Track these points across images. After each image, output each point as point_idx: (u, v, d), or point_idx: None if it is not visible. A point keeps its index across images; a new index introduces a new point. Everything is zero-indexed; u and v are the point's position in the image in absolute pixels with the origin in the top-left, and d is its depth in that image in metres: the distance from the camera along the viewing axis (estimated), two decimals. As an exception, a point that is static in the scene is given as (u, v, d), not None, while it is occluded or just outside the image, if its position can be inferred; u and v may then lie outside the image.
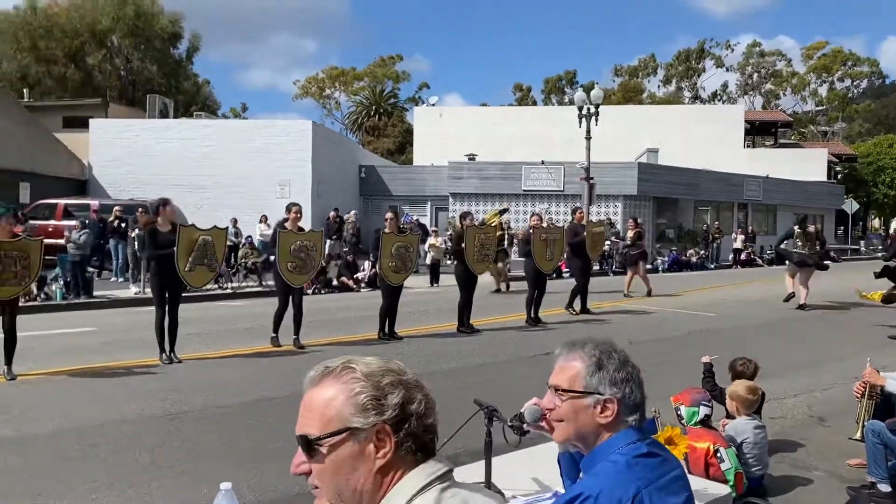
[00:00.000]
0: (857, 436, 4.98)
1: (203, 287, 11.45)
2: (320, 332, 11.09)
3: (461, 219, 12.30)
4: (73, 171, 25.78)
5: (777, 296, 14.82)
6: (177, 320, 9.33)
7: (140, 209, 18.02)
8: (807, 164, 39.45)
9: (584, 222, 14.05)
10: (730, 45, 64.70)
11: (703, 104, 56.13)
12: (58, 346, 10.58)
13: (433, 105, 47.54)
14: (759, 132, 46.83)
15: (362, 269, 18.73)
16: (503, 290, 17.33)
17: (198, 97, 50.41)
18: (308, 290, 15.67)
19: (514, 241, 17.74)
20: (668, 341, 10.29)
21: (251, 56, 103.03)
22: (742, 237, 29.42)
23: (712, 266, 27.71)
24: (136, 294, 15.59)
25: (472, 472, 2.62)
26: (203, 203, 23.16)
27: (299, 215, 10.21)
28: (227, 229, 11.32)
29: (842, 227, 37.68)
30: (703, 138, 38.13)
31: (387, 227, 11.09)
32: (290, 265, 9.83)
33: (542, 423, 1.99)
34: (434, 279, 19.28)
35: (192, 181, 24.41)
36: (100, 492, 5.27)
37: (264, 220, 20.83)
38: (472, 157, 32.05)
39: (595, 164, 24.41)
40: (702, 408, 4.62)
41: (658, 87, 65.24)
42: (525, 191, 28.47)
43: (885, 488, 4.28)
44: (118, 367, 9.06)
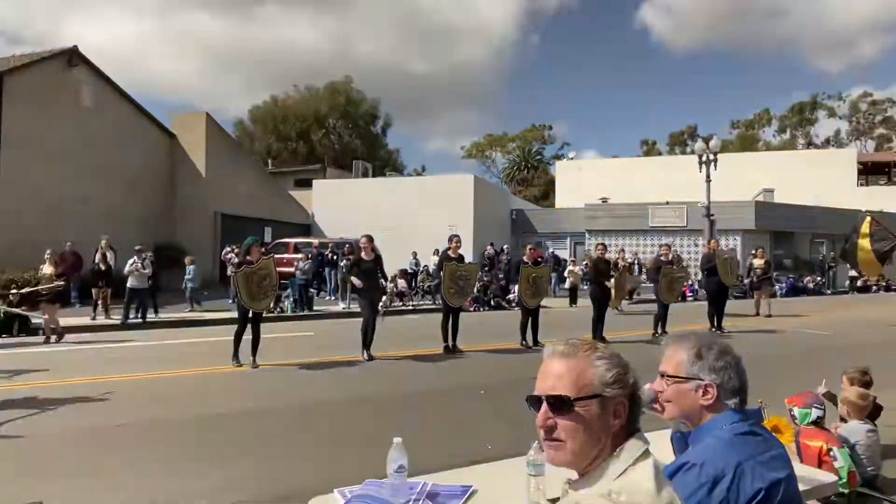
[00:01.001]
0: None
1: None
2: (479, 338, 11.24)
3: (596, 249, 12.36)
4: (300, 218, 28.05)
5: (891, 319, 13.99)
6: (374, 326, 9.62)
7: (347, 245, 18.69)
8: (922, 198, 35.94)
9: (716, 251, 13.42)
10: (841, 97, 59.57)
11: (817, 149, 52.21)
12: (288, 345, 11.22)
13: (571, 159, 47.73)
14: (873, 172, 43.02)
15: (512, 292, 18.87)
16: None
17: (389, 161, 53.21)
18: (470, 308, 16.78)
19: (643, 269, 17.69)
20: (787, 356, 9.82)
21: (429, 128, 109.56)
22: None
23: (828, 292, 26.14)
24: (343, 309, 16.80)
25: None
26: (392, 238, 23.43)
27: (459, 245, 10.52)
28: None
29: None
30: (816, 179, 35.64)
31: (526, 258, 11.48)
32: (451, 290, 10.15)
33: (655, 405, 1.98)
34: (573, 300, 19.77)
35: (384, 224, 24.71)
36: (322, 446, 5.81)
37: (436, 252, 21.14)
38: (604, 199, 31.85)
39: (715, 202, 23.66)
40: (814, 410, 4.33)
41: (773, 136, 61.33)
42: (652, 227, 28.03)
43: None
44: (329, 361, 9.49)
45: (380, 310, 10.00)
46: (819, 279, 26.74)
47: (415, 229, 25.33)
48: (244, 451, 5.27)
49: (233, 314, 13.14)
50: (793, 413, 4.44)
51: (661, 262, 12.43)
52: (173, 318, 14.63)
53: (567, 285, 21.19)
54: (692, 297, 21.89)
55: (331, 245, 20.17)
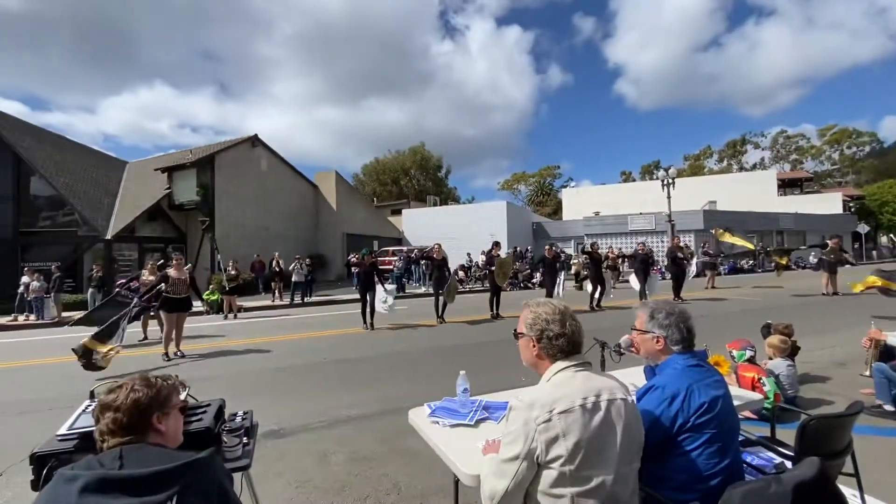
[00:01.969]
0: (867, 373, 4.47)
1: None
2: (514, 308, 10.41)
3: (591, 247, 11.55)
4: (395, 234, 28.29)
5: (805, 289, 13.16)
6: (443, 301, 9.47)
7: (424, 250, 19.84)
8: (826, 203, 33.27)
9: (677, 246, 12.93)
10: (763, 134, 56.32)
11: (747, 171, 49.07)
12: (391, 315, 10.59)
13: (573, 187, 47.43)
14: (789, 186, 39.79)
15: (535, 277, 19.00)
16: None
17: (450, 195, 52.98)
18: (507, 288, 15.86)
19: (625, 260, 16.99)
20: (728, 315, 9.41)
21: (476, 171, 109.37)
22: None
23: (759, 271, 24.37)
24: (424, 291, 16.83)
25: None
26: (453, 245, 23.59)
27: (499, 247, 10.30)
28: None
29: (857, 244, 31.54)
30: (747, 193, 33.98)
31: (546, 254, 10.86)
32: (498, 275, 9.85)
33: (632, 349, 1.97)
34: (578, 283, 18.89)
35: (448, 235, 25.29)
36: (415, 378, 5.76)
37: (483, 253, 22.64)
38: (597, 213, 31.15)
39: (674, 211, 22.98)
40: (747, 351, 4.22)
41: (715, 164, 58.07)
42: (630, 230, 26.92)
43: (889, 408, 3.84)
44: (418, 324, 9.51)
45: (444, 291, 9.68)
46: (752, 262, 25.05)
47: (468, 238, 25.26)
48: (365, 383, 5.31)
49: (352, 296, 13.44)
50: (732, 354, 4.33)
51: (639, 254, 11.93)
52: (319, 299, 14.95)
53: (573, 271, 20.62)
54: (661, 278, 20.96)
55: (415, 251, 20.27)
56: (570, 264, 20.93)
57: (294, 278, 14.24)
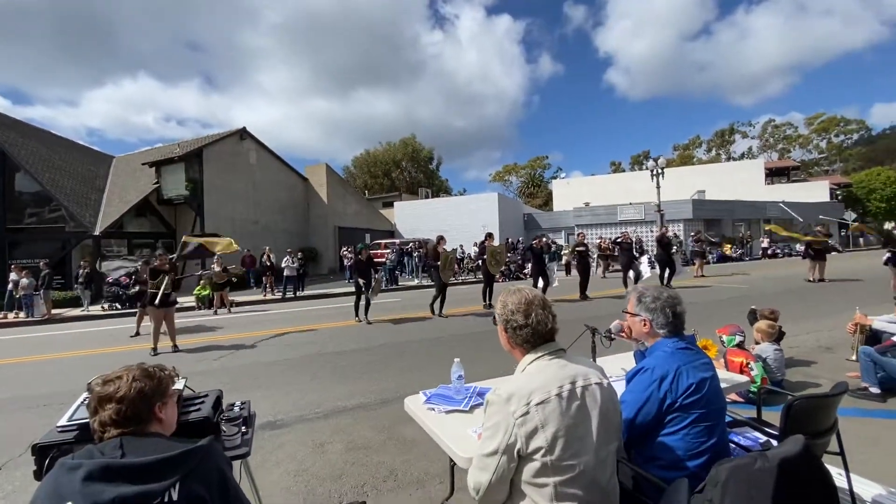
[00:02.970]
0: (853, 357, 4.51)
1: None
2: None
3: (578, 237, 11.69)
4: (387, 227, 28.11)
5: (793, 275, 13.25)
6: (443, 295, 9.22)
7: (419, 243, 19.83)
8: (813, 191, 33.58)
9: (664, 235, 12.82)
10: (752, 124, 56.55)
11: (735, 161, 49.25)
12: (384, 307, 11.14)
13: (563, 178, 47.11)
14: (776, 175, 40.05)
15: (526, 268, 18.60)
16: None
17: (442, 187, 52.77)
18: (500, 280, 15.87)
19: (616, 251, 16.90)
20: (717, 301, 9.50)
21: (467, 163, 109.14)
22: (767, 239, 25.99)
23: (746, 259, 24.69)
24: (417, 283, 16.78)
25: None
26: (448, 237, 25.57)
27: (493, 238, 10.24)
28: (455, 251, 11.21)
29: (844, 230, 32.18)
30: (735, 182, 34.22)
31: (535, 245, 10.69)
32: (492, 262, 9.76)
33: (622, 333, 2.02)
34: (567, 271, 18.96)
35: (440, 227, 24.85)
36: (410, 368, 5.74)
37: (475, 245, 21.13)
38: (587, 203, 30.96)
39: (663, 201, 23.03)
40: (737, 336, 4.30)
41: (703, 154, 58.17)
42: (620, 220, 26.84)
43: (875, 391, 3.88)
44: (411, 317, 9.50)
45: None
46: (739, 250, 25.35)
47: (460, 230, 25.25)
48: (361, 374, 5.33)
49: (345, 289, 13.42)
50: (721, 339, 4.38)
51: (625, 244, 11.94)
52: (312, 293, 14.88)
53: (563, 260, 20.67)
54: (684, 264, 21.13)
55: (409, 244, 20.19)
56: (562, 255, 21.04)
57: (286, 272, 14.15)
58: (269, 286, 14.84)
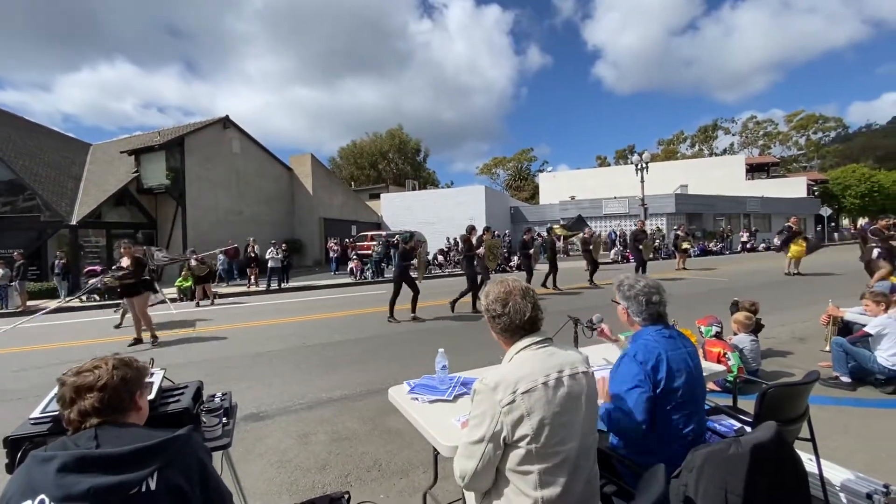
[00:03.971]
0: (826, 348, 4.61)
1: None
2: None
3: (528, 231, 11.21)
4: (374, 219, 27.88)
5: (771, 269, 13.48)
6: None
7: (401, 237, 21.28)
8: (791, 187, 34.43)
9: (643, 230, 12.33)
10: (734, 120, 57.42)
11: (717, 156, 50.04)
12: (370, 299, 11.03)
13: (550, 171, 47.75)
14: (757, 170, 40.94)
15: (512, 261, 18.82)
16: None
17: (429, 179, 52.52)
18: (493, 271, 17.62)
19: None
20: (697, 294, 9.65)
21: (454, 155, 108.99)
22: (747, 234, 26.84)
23: (727, 252, 25.14)
24: None
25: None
26: (433, 230, 24.47)
27: (488, 233, 9.44)
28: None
29: (819, 226, 33.17)
30: (717, 177, 34.82)
31: (525, 237, 10.83)
32: (489, 257, 9.38)
33: (603, 324, 2.15)
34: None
35: (427, 220, 25.85)
36: (395, 358, 5.71)
37: (462, 237, 23.27)
38: (572, 197, 31.35)
39: (647, 195, 23.25)
40: (713, 327, 4.38)
41: (687, 149, 58.81)
42: (605, 214, 27.27)
43: (846, 380, 3.96)
44: (397, 308, 8.63)
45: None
46: (721, 245, 25.85)
47: (447, 222, 25.21)
48: (346, 366, 5.30)
49: (331, 280, 13.26)
50: (700, 329, 4.47)
51: (588, 239, 12.03)
52: (296, 285, 14.74)
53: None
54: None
55: (395, 237, 20.03)
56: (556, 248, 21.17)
57: (270, 264, 13.99)
58: (253, 278, 14.66)
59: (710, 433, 1.98)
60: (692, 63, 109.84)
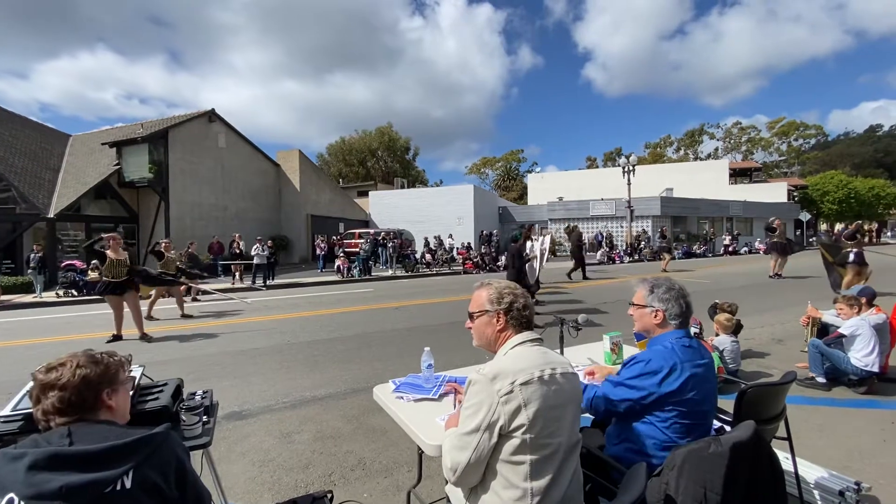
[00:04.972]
0: (804, 349, 4.62)
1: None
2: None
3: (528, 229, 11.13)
4: (362, 216, 27.73)
5: (753, 271, 13.74)
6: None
7: (392, 233, 19.68)
8: (773, 192, 35.12)
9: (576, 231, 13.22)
10: (719, 125, 58.54)
11: (702, 161, 50.91)
12: (357, 297, 11.12)
13: (538, 172, 48.25)
14: (740, 175, 41.80)
15: (500, 260, 18.58)
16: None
17: (418, 177, 52.33)
18: (473, 272, 16.73)
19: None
20: None
21: (444, 154, 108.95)
22: (729, 237, 27.37)
23: (710, 255, 25.58)
24: (391, 273, 16.67)
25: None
26: (420, 229, 24.27)
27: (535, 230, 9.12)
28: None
29: (798, 230, 34.04)
30: (701, 181, 35.44)
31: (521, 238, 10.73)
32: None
33: (587, 377, 2.11)
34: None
35: (415, 218, 25.67)
36: (381, 357, 5.67)
37: (450, 236, 22.06)
38: (561, 198, 31.27)
39: (634, 198, 23.69)
40: (693, 327, 4.28)
41: (673, 152, 59.64)
42: (592, 215, 27.38)
43: (821, 380, 4.03)
44: (383, 307, 9.45)
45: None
46: (704, 247, 26.27)
47: (435, 221, 25.21)
48: (331, 364, 5.27)
49: (317, 278, 13.19)
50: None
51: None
52: (282, 282, 14.58)
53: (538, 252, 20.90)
54: (620, 261, 21.78)
55: (382, 234, 19.96)
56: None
57: (255, 260, 13.82)
58: (237, 275, 14.46)
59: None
60: (680, 67, 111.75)
